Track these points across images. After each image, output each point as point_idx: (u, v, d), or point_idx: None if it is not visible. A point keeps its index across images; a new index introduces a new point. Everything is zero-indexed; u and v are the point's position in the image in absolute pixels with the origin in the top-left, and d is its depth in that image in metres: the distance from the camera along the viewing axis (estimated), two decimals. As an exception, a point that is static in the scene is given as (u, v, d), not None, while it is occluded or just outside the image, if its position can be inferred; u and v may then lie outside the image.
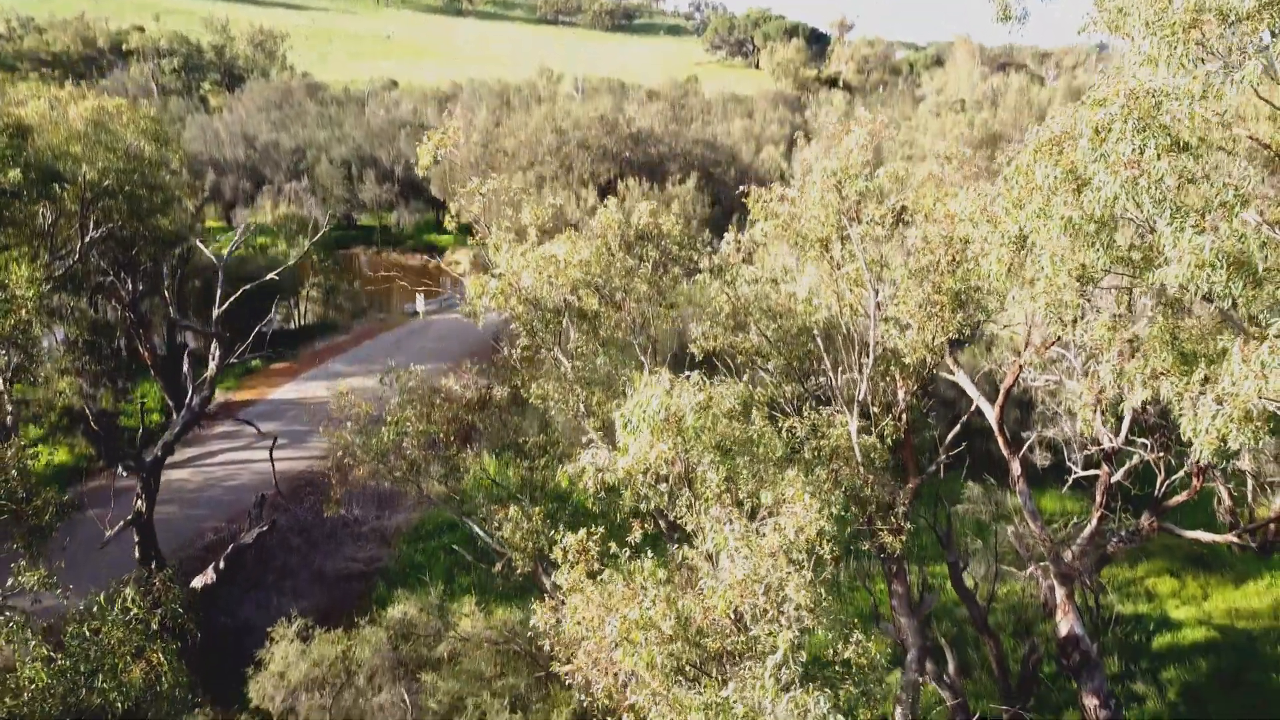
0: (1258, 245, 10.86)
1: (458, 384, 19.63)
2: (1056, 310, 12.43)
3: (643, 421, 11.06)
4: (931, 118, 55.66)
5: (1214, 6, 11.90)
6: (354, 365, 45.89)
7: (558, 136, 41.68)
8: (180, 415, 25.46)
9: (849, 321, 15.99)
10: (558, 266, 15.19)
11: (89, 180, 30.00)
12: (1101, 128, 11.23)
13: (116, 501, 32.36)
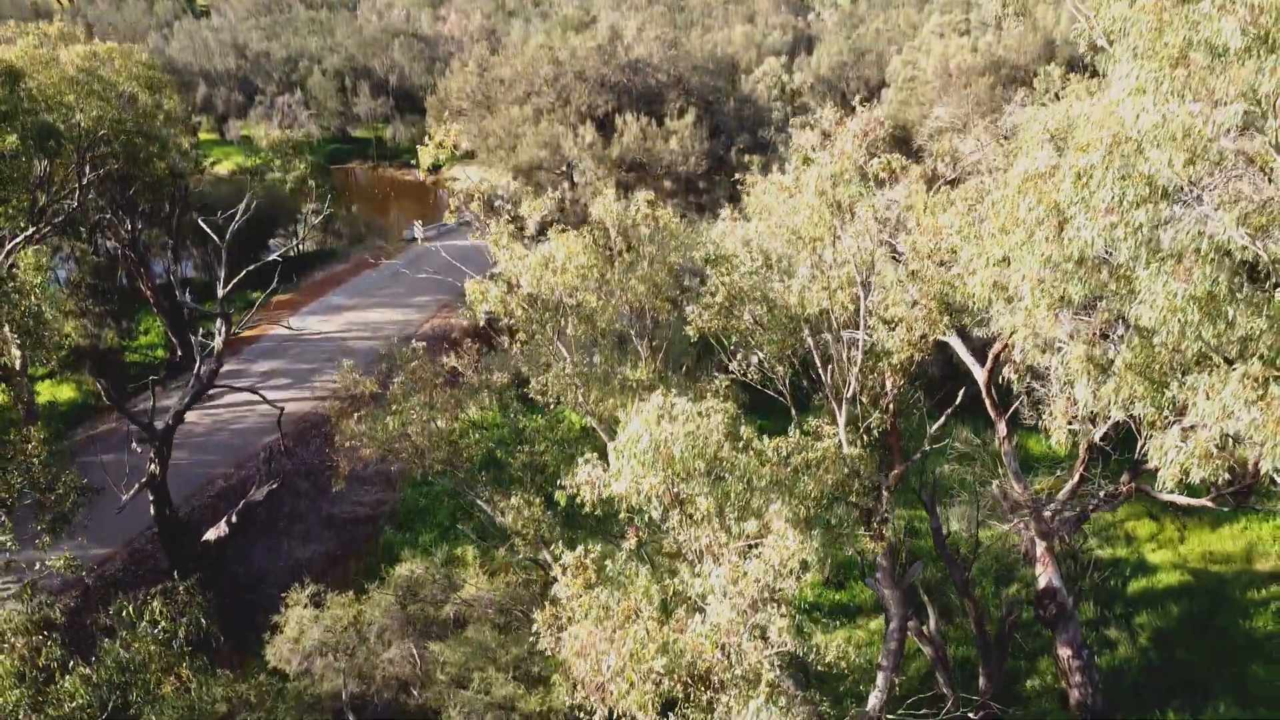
0: (1228, 291, 11.26)
1: (459, 363, 20.00)
2: (1036, 343, 12.87)
3: (633, 456, 11.66)
4: (935, 39, 54.55)
5: (1202, 42, 12.03)
6: (354, 298, 46.23)
7: (555, 68, 41.04)
8: (190, 385, 26.00)
9: (839, 319, 16.42)
10: (555, 270, 15.53)
11: (84, 129, 29.90)
12: (1084, 173, 11.49)
13: (127, 445, 33.30)
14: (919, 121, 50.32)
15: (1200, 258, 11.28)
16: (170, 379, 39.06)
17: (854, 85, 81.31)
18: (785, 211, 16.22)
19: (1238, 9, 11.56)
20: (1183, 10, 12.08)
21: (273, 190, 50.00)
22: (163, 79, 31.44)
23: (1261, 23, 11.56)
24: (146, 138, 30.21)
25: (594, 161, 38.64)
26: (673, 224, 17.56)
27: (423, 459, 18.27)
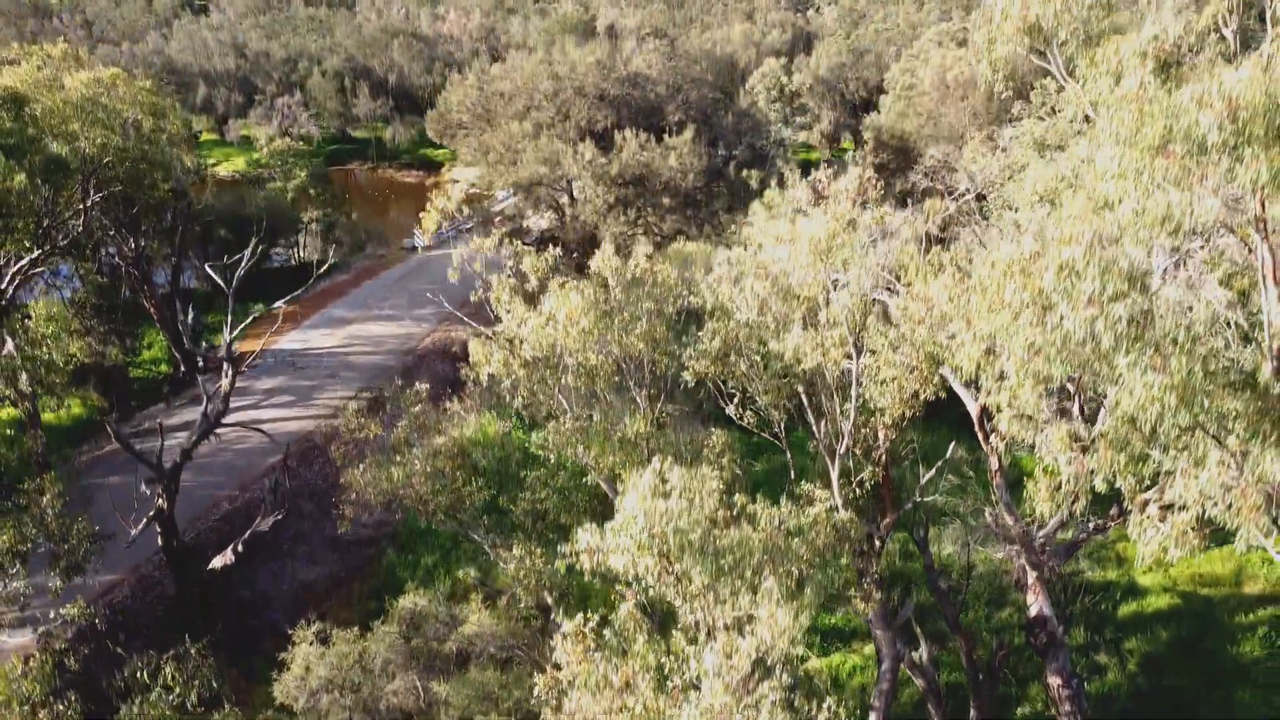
0: (1202, 380, 11.67)
1: (461, 409, 20.40)
2: (1021, 423, 13.28)
3: (630, 536, 12.10)
4: (934, 47, 54.72)
5: (1181, 134, 12.40)
6: (356, 310, 46.59)
7: (554, 83, 41.30)
8: (198, 425, 26.41)
9: (833, 374, 16.82)
10: (557, 331, 15.92)
11: (89, 155, 30.26)
12: (1066, 266, 11.86)
13: (130, 467, 33.71)
14: (917, 131, 50.59)
15: (1178, 348, 11.68)
16: (174, 394, 39.50)
17: (853, 86, 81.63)
18: (780, 271, 16.59)
19: (1214, 104, 11.94)
20: (1162, 101, 12.44)
21: (274, 200, 50.26)
22: (165, 104, 31.75)
23: (1239, 118, 11.95)
24: (151, 164, 30.55)
25: (594, 179, 38.96)
26: (670, 279, 17.93)
27: (426, 506, 18.70)
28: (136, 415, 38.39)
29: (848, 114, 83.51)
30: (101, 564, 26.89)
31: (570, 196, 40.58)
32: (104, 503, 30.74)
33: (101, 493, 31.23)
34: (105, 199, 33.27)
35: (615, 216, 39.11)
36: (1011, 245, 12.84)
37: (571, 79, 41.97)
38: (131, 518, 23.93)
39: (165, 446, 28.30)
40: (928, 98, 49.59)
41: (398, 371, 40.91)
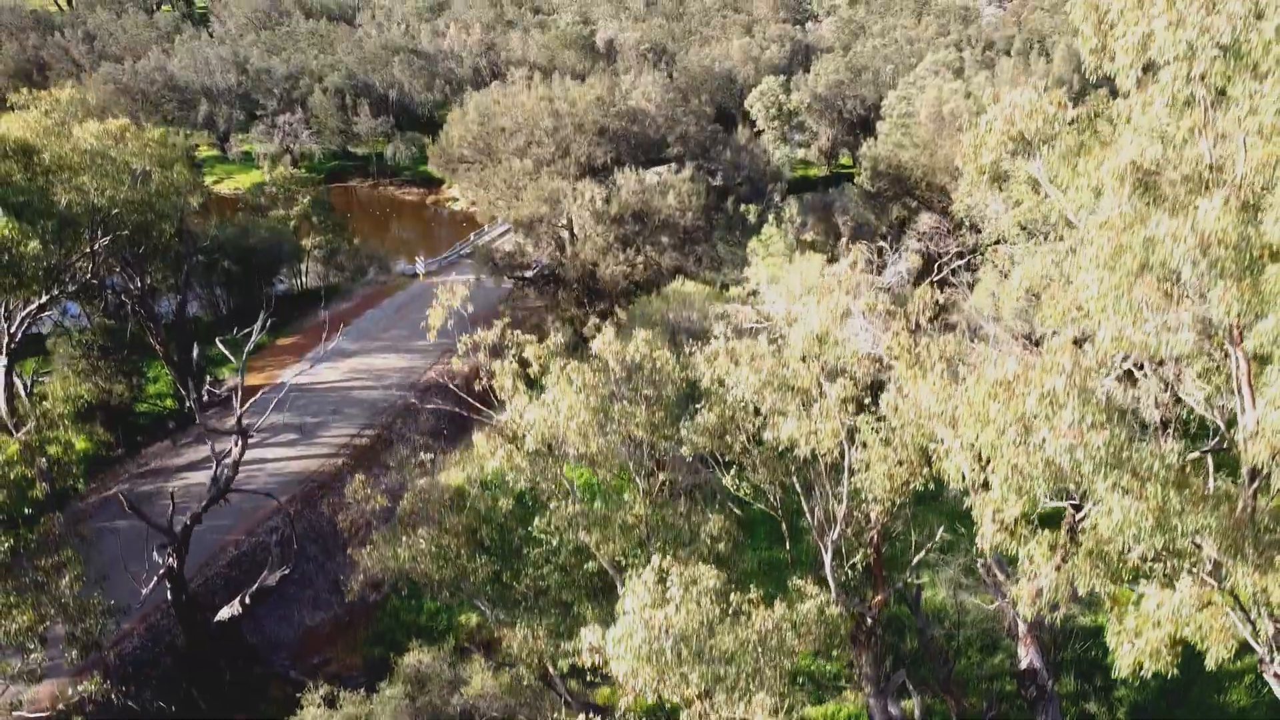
0: (1177, 507, 12.24)
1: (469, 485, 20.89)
2: (1005, 533, 13.84)
3: (628, 650, 12.68)
4: (930, 76, 55.25)
5: (1157, 264, 12.97)
6: (359, 340, 47.08)
7: (554, 120, 41.84)
8: (209, 490, 26.93)
9: (826, 462, 17.37)
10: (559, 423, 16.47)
11: (98, 206, 30.84)
12: (1047, 394, 12.44)
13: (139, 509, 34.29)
14: (913, 160, 51.14)
15: (1153, 475, 12.26)
16: (179, 430, 39.99)
17: (851, 105, 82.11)
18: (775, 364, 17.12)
19: (1187, 239, 12.51)
20: (1138, 232, 13.00)
21: (276, 230, 50.78)
22: (173, 154, 32.24)
23: (1211, 254, 12.51)
24: (159, 215, 31.07)
25: (594, 218, 39.51)
26: (669, 365, 18.47)
27: (431, 581, 19.24)
28: (142, 451, 38.87)
29: (845, 131, 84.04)
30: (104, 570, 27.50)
31: (571, 233, 41.11)
32: (111, 544, 31.38)
33: (110, 537, 31.81)
34: (113, 241, 33.83)
35: (615, 254, 39.66)
36: (995, 367, 13.38)
37: (572, 116, 42.49)
38: (143, 575, 24.46)
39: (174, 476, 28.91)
40: (924, 129, 50.15)
41: (401, 407, 41.51)
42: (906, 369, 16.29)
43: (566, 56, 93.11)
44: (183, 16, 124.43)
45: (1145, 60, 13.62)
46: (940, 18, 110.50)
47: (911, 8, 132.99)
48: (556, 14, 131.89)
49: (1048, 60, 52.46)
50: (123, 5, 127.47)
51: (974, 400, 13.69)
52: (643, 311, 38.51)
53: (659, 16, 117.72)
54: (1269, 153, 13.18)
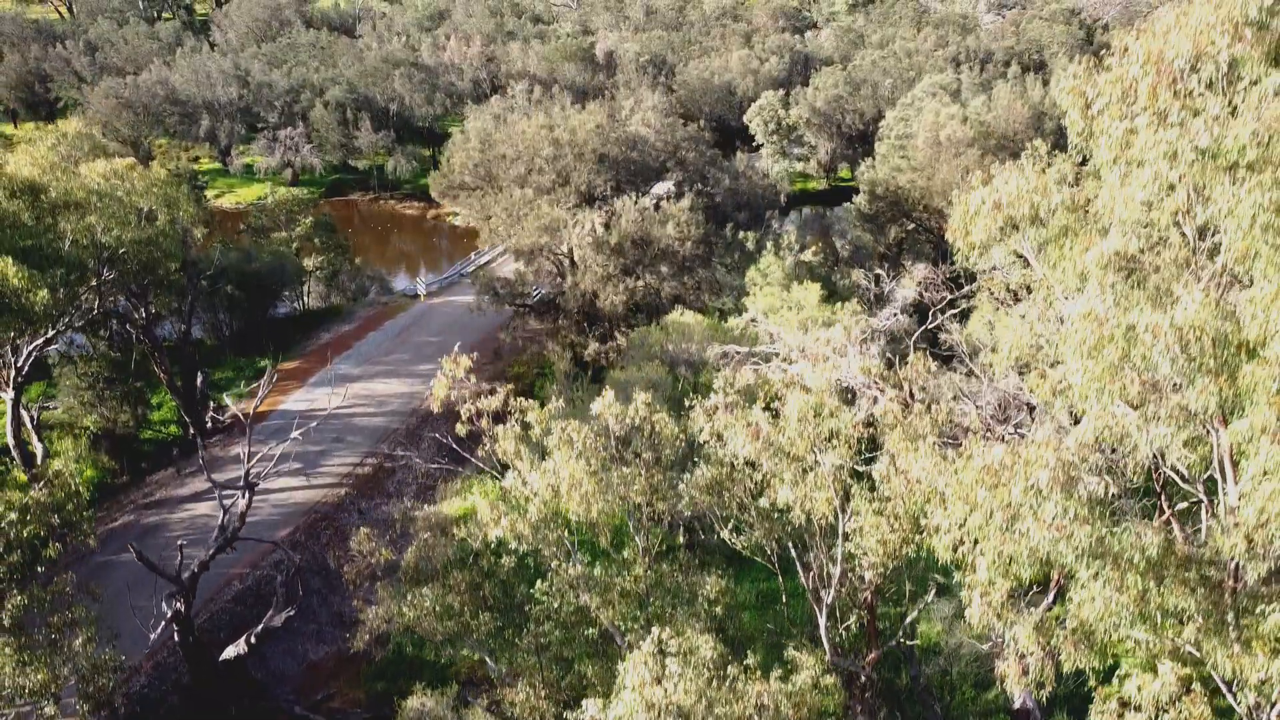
0: (1156, 599, 12.70)
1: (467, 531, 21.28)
2: (993, 617, 14.30)
3: (630, 730, 13.16)
4: (928, 99, 55.69)
5: (1136, 359, 13.42)
6: (361, 365, 47.48)
7: (555, 148, 42.30)
8: (216, 538, 27.33)
9: (820, 525, 17.84)
10: (561, 494, 16.95)
11: (104, 244, 31.30)
12: (1032, 487, 12.89)
13: (144, 541, 34.69)
14: (911, 185, 51.61)
15: (1132, 566, 12.72)
16: (183, 458, 40.38)
17: (850, 119, 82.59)
18: (771, 431, 17.57)
19: (1166, 335, 12.95)
20: (1120, 325, 13.45)
21: (278, 253, 51.22)
22: (178, 193, 32.67)
23: (1190, 351, 12.96)
24: (164, 254, 31.52)
25: (594, 248, 39.96)
26: (668, 429, 18.91)
27: (436, 636, 19.69)
28: (147, 479, 39.29)
29: (845, 145, 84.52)
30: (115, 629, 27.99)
31: (571, 262, 41.56)
32: (118, 577, 31.81)
33: (117, 569, 32.25)
34: (119, 274, 34.28)
35: (615, 284, 40.12)
36: (981, 454, 13.82)
37: (572, 145, 42.94)
38: (151, 621, 24.90)
39: (179, 506, 29.34)
40: (921, 153, 50.60)
41: (402, 434, 41.96)
42: (899, 441, 16.74)
43: (567, 69, 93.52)
44: (183, 25, 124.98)
45: (1127, 158, 14.07)
46: (939, 29, 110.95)
47: (911, 16, 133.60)
48: (557, 22, 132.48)
49: (1044, 84, 52.91)
50: (124, 14, 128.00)
51: (962, 483, 14.16)
52: (642, 341, 38.95)
53: (659, 27, 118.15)
54: (1248, 245, 13.60)
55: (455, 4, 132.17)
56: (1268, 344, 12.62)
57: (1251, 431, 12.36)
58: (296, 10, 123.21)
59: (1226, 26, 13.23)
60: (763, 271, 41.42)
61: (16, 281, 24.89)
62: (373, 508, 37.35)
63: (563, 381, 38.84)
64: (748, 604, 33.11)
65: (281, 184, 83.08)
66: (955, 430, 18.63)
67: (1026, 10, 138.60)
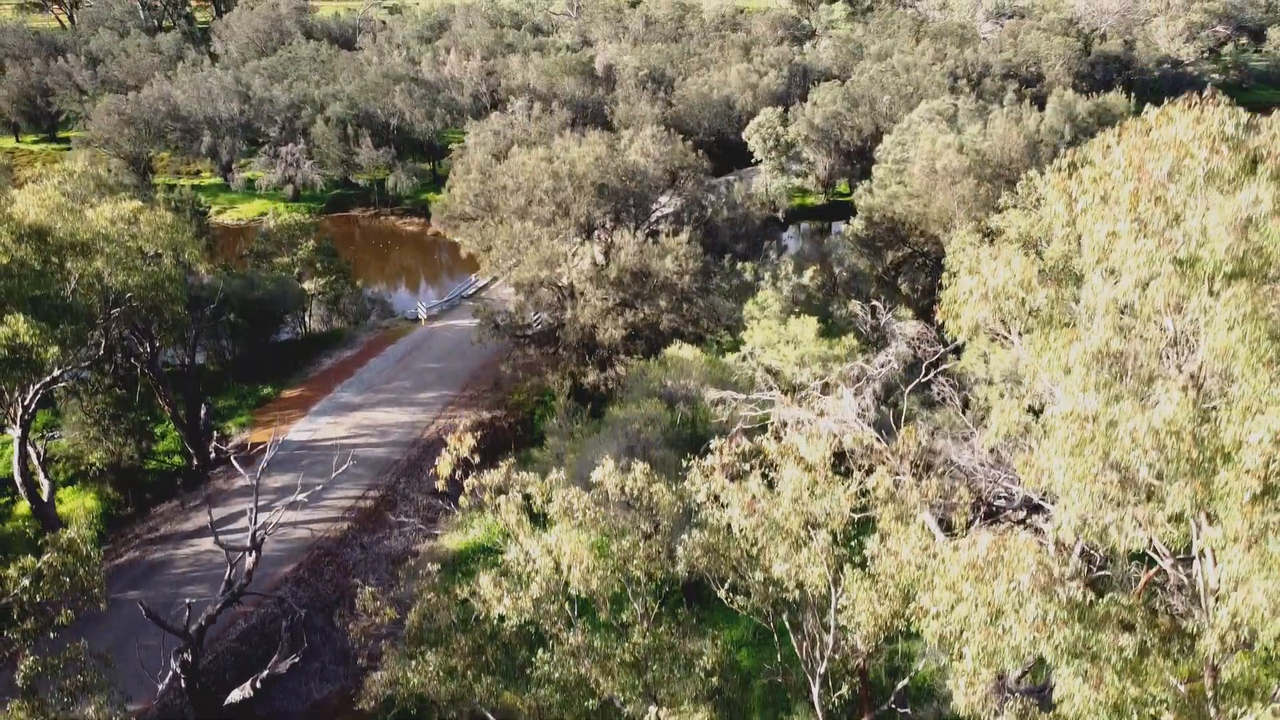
0: (1134, 694, 13.20)
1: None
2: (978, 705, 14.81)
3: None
4: (925, 124, 56.16)
5: (1116, 463, 13.91)
6: (363, 393, 47.91)
7: (555, 181, 42.79)
8: (221, 593, 27.81)
9: (814, 596, 18.34)
10: (562, 569, 17.46)
11: (110, 287, 31.80)
12: (1014, 589, 13.39)
13: (149, 578, 35.24)
14: (907, 212, 52.08)
15: (1110, 665, 13.22)
16: (186, 489, 40.86)
17: (848, 135, 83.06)
18: (767, 505, 18.08)
19: (1144, 441, 13.45)
20: (1101, 426, 13.95)
21: (280, 280, 51.67)
22: (185, 238, 33.12)
23: (1167, 455, 13.45)
24: (170, 297, 32.00)
25: (593, 283, 40.44)
26: (665, 499, 19.40)
27: (440, 701, 20.18)
28: (151, 511, 39.78)
29: (843, 161, 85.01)
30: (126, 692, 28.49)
31: (571, 295, 42.03)
32: (125, 616, 32.30)
33: (124, 608, 32.73)
34: (124, 312, 34.77)
35: (614, 317, 40.61)
36: (968, 549, 14.32)
37: (571, 177, 43.43)
38: (159, 672, 25.38)
39: (183, 542, 29.81)
40: (918, 180, 51.06)
41: (404, 466, 42.45)
42: (889, 519, 17.24)
43: (566, 83, 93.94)
44: (184, 35, 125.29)
45: (1108, 265, 14.57)
46: (937, 41, 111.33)
47: (909, 26, 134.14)
48: (556, 33, 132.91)
49: (1040, 111, 53.42)
50: (125, 25, 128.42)
51: (949, 574, 14.67)
52: (641, 375, 39.44)
53: (658, 38, 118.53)
54: (1225, 345, 14.09)
55: (455, 14, 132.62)
56: (1242, 450, 13.11)
57: (1224, 540, 12.85)
58: (297, 21, 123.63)
59: (1205, 141, 13.73)
60: (760, 304, 41.90)
61: (28, 338, 25.37)
62: (375, 542, 37.83)
63: (562, 415, 39.32)
64: (745, 640, 33.71)
65: (283, 200, 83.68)
66: (948, 494, 19.10)
67: (1025, 20, 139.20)
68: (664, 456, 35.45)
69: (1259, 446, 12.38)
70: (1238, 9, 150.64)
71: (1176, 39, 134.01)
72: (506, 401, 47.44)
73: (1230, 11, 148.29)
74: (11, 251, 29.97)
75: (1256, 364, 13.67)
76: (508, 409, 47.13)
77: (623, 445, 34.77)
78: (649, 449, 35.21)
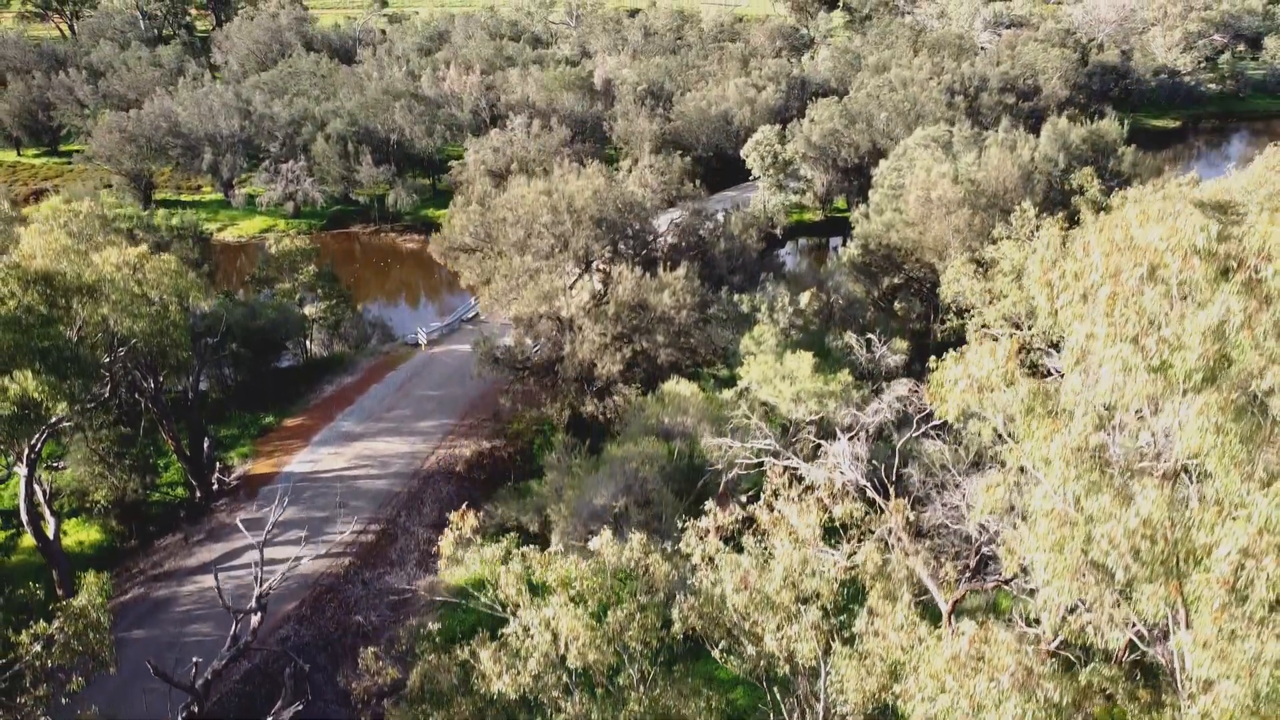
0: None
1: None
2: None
3: None
4: (921, 150, 56.69)
5: (1094, 562, 14.45)
6: (364, 423, 48.37)
7: (554, 215, 43.32)
8: (227, 648, 28.35)
9: (804, 667, 18.89)
10: (560, 643, 18.01)
11: (116, 333, 32.33)
12: (993, 685, 13.92)
13: (154, 616, 35.76)
14: (903, 241, 52.63)
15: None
16: (189, 522, 41.36)
17: (845, 153, 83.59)
18: (759, 580, 18.63)
19: (1121, 545, 13.99)
20: (1081, 528, 14.49)
21: (281, 308, 52.20)
22: (190, 284, 33.61)
23: (1142, 557, 13.99)
24: (175, 343, 32.51)
25: (591, 319, 40.96)
26: (661, 570, 19.94)
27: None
28: (154, 544, 40.30)
29: (840, 178, 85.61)
30: None
31: (570, 329, 42.56)
32: (133, 655, 32.81)
33: (130, 647, 33.28)
34: (129, 353, 35.31)
35: (611, 353, 41.13)
36: (950, 642, 14.85)
37: (570, 211, 43.95)
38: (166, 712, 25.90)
39: (187, 579, 30.29)
40: (913, 209, 51.59)
41: (404, 498, 42.95)
42: (878, 597, 17.78)
43: (565, 98, 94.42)
44: (184, 46, 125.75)
45: (1086, 365, 15.10)
46: (935, 54, 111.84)
47: (908, 36, 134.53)
48: (555, 44, 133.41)
49: (1034, 136, 53.94)
50: (125, 35, 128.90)
51: (932, 665, 15.21)
52: (639, 411, 39.99)
53: (657, 50, 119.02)
54: (1199, 447, 14.62)
55: (455, 24, 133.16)
56: (1213, 555, 13.65)
57: (1195, 646, 13.38)
58: (297, 32, 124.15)
59: (1178, 251, 14.26)
60: (756, 339, 42.47)
61: (38, 395, 25.89)
62: (376, 577, 38.33)
63: (561, 451, 39.83)
64: (743, 679, 34.24)
65: (283, 216, 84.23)
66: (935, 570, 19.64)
67: (1023, 30, 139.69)
68: (662, 496, 36.06)
69: (1227, 559, 12.90)
70: (1235, 17, 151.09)
71: (1174, 48, 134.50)
72: (506, 431, 47.94)
73: (1228, 20, 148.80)
74: (19, 297, 30.46)
75: (1229, 464, 14.22)
76: (507, 438, 47.64)
77: (621, 485, 35.31)
78: (647, 488, 35.79)
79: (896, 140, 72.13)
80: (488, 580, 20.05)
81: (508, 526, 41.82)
